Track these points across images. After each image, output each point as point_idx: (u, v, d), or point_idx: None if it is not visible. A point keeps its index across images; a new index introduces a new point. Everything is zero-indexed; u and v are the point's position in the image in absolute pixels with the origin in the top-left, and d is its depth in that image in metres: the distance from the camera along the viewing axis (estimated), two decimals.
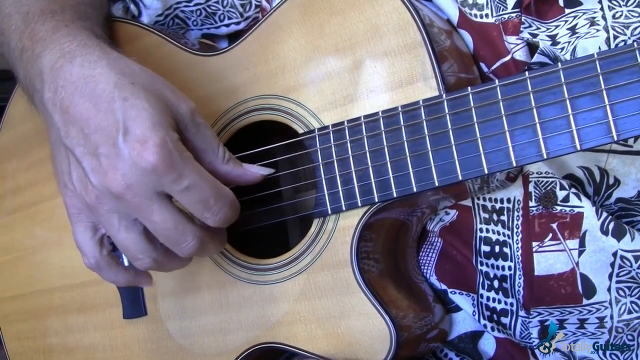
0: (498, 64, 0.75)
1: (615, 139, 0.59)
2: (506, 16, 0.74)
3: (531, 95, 0.62)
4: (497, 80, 0.64)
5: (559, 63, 0.62)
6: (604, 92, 0.59)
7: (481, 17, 0.75)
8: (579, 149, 0.61)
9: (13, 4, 0.79)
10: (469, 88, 0.65)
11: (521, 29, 0.73)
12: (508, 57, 0.74)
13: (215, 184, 0.66)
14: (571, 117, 0.61)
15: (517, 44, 0.73)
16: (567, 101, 0.61)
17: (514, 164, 0.64)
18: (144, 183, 0.63)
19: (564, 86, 0.61)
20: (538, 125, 0.62)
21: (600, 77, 0.60)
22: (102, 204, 0.66)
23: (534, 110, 0.62)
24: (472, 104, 0.65)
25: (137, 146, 0.62)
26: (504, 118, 0.64)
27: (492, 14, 0.75)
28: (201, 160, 0.68)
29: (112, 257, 0.74)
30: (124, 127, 0.63)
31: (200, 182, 0.65)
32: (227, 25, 0.96)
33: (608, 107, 0.59)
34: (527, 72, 0.63)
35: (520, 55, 0.73)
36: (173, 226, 0.66)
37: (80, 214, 0.72)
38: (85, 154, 0.65)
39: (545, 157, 0.62)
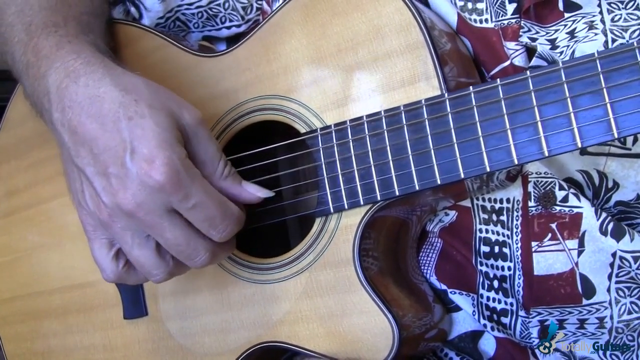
0: (497, 69, 0.75)
1: (616, 136, 0.60)
2: (506, 22, 0.74)
3: (532, 94, 0.63)
4: (498, 79, 0.65)
5: (560, 62, 0.62)
6: (605, 90, 0.60)
7: (481, 22, 0.76)
8: (579, 146, 0.61)
9: (15, 13, 0.79)
10: (471, 87, 0.66)
11: (520, 34, 0.73)
12: (507, 63, 0.75)
13: (221, 203, 0.67)
14: (572, 115, 0.62)
15: (517, 50, 0.74)
16: (568, 100, 0.62)
17: (516, 162, 0.64)
18: (154, 201, 0.64)
19: (565, 85, 0.62)
20: (539, 124, 0.63)
21: (601, 75, 0.60)
22: (115, 222, 0.67)
23: (535, 108, 0.63)
24: (473, 103, 0.66)
25: (144, 165, 0.63)
26: (505, 116, 0.64)
27: (491, 19, 0.75)
28: (200, 172, 0.68)
29: (130, 266, 0.74)
30: (131, 146, 0.63)
31: (206, 201, 0.65)
32: (228, 28, 0.96)
33: (608, 105, 0.60)
34: (528, 71, 0.64)
35: (520, 61, 0.74)
36: (185, 242, 0.67)
37: (96, 231, 0.73)
38: (96, 173, 0.66)
39: (546, 154, 0.63)
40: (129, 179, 0.63)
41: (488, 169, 0.65)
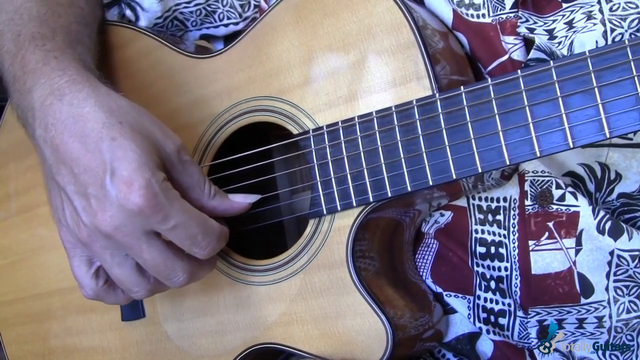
0: (495, 64, 0.75)
1: (608, 136, 0.59)
2: (504, 16, 0.73)
3: (524, 93, 0.63)
4: (489, 79, 0.64)
5: (551, 61, 0.62)
6: (596, 89, 0.60)
7: (477, 17, 0.75)
8: (571, 146, 0.61)
9: (5, 22, 0.79)
10: (462, 87, 0.66)
11: (518, 24, 0.72)
12: (505, 57, 0.74)
13: (202, 220, 0.67)
14: (563, 115, 0.61)
15: (515, 44, 0.73)
16: (560, 99, 0.61)
17: (508, 163, 0.64)
18: (132, 224, 0.64)
19: (556, 84, 0.61)
20: (531, 124, 0.62)
21: (592, 74, 0.60)
22: (94, 242, 0.68)
23: (527, 108, 0.63)
24: (465, 103, 0.65)
25: (123, 188, 0.63)
26: (496, 117, 0.64)
27: (488, 14, 0.74)
28: (188, 197, 0.69)
29: (110, 285, 0.74)
30: (111, 168, 0.64)
31: (187, 221, 0.66)
32: (226, 26, 0.96)
33: (600, 105, 0.60)
34: (519, 71, 0.63)
35: (518, 55, 0.73)
36: (162, 263, 0.67)
37: (75, 248, 0.73)
38: (76, 192, 0.66)
39: (538, 155, 0.62)
40: (108, 201, 0.64)
41: (480, 170, 0.65)
